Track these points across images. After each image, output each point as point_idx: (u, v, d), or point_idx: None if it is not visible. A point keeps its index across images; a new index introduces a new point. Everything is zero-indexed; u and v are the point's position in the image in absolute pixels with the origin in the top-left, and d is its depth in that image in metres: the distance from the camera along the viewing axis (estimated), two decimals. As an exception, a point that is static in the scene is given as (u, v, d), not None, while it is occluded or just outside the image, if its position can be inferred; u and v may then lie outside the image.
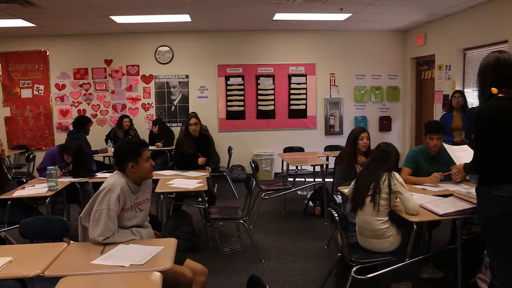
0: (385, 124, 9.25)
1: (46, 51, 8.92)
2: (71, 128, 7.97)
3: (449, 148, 4.01)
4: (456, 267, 3.47)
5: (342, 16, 7.49)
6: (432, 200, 3.54)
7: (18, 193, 4.52)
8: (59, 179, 4.90)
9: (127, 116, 8.28)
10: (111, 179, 3.02)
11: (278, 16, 7.47)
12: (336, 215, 3.25)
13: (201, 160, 5.65)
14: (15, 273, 2.45)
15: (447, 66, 7.46)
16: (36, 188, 4.75)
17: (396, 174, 3.43)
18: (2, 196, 4.44)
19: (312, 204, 6.32)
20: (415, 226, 3.21)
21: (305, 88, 9.10)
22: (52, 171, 4.61)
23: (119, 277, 2.36)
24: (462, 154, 3.66)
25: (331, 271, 3.86)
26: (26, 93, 8.98)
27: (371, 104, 9.25)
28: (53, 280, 2.39)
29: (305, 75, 9.09)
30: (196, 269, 3.01)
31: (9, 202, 4.43)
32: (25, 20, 7.18)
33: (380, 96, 9.22)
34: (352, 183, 3.67)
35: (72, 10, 6.66)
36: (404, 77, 9.19)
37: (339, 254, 3.58)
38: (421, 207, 3.33)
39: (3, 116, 9.00)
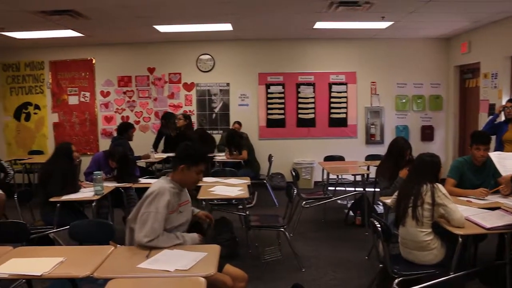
0: (427, 133, 9.08)
1: (92, 60, 9.23)
2: (115, 134, 8.20)
3: (497, 156, 3.91)
4: (505, 284, 3.37)
5: (383, 24, 7.43)
6: (478, 213, 3.46)
7: (67, 196, 4.69)
8: (104, 184, 5.04)
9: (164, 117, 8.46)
10: (158, 184, 3.10)
11: (319, 25, 7.48)
12: (378, 225, 3.23)
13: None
14: (67, 273, 2.56)
15: (493, 74, 7.26)
16: (83, 192, 4.91)
17: (440, 185, 3.37)
18: (52, 199, 4.61)
19: (353, 214, 6.26)
20: (460, 239, 3.14)
21: (346, 97, 9.05)
22: (99, 176, 4.76)
23: (164, 282, 2.42)
24: (510, 163, 3.56)
25: (372, 282, 3.82)
26: (73, 100, 9.32)
27: (412, 113, 9.10)
28: (102, 281, 2.49)
29: (346, 84, 9.04)
30: (236, 274, 3.06)
31: (58, 204, 4.60)
32: (74, 30, 7.47)
33: (422, 105, 9.06)
34: (395, 193, 3.63)
35: (118, 20, 6.89)
36: (447, 85, 9.00)
37: (380, 265, 3.55)
38: (466, 220, 3.27)
39: (52, 122, 9.37)
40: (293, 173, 6.08)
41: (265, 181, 7.58)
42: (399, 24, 7.34)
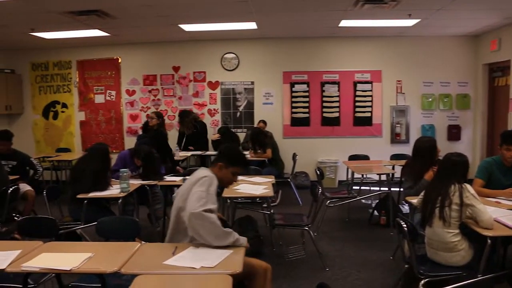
0: (454, 133, 8.92)
1: (118, 59, 9.36)
2: (140, 132, 8.30)
3: None
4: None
5: (410, 22, 7.34)
6: (507, 214, 3.40)
7: (94, 193, 4.77)
8: (130, 181, 5.10)
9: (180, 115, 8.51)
10: (206, 172, 3.19)
11: (344, 23, 7.43)
12: (404, 225, 3.20)
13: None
14: (95, 269, 2.60)
15: (524, 72, 7.10)
16: (110, 189, 4.98)
17: (468, 185, 3.32)
18: (80, 196, 4.70)
19: (377, 214, 6.21)
20: (489, 240, 3.08)
21: (371, 96, 8.97)
22: (125, 174, 4.83)
23: (190, 278, 2.45)
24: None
25: (397, 283, 3.79)
26: (99, 99, 9.47)
27: (439, 112, 8.96)
28: (129, 277, 2.53)
29: (371, 82, 8.96)
30: (261, 264, 3.15)
31: (85, 201, 4.68)
32: (101, 30, 7.60)
33: (449, 104, 8.92)
34: (422, 194, 3.59)
35: (144, 20, 6.97)
36: (475, 84, 8.83)
37: (406, 266, 3.51)
38: (495, 221, 3.21)
39: (79, 120, 9.54)
40: (317, 172, 6.06)
41: (289, 180, 7.57)
42: (426, 21, 7.24)
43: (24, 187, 5.79)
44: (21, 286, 3.00)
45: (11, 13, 6.17)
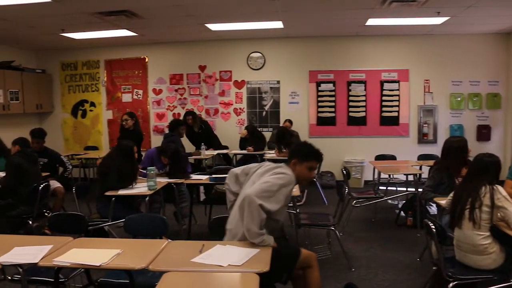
0: (483, 133, 8.74)
1: (145, 58, 9.48)
2: (166, 130, 8.38)
3: None
4: None
5: (438, 20, 7.22)
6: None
7: (123, 191, 4.84)
8: (157, 179, 5.16)
9: (191, 114, 8.29)
10: (287, 170, 3.20)
11: (371, 21, 7.36)
12: (433, 226, 3.15)
13: None
14: (124, 265, 2.65)
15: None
16: (137, 187, 5.05)
17: (500, 187, 3.24)
18: (108, 193, 4.78)
19: (404, 214, 6.13)
20: (521, 243, 3.02)
21: (398, 95, 8.86)
22: (152, 172, 4.89)
23: (217, 276, 2.47)
24: None
25: (425, 285, 3.74)
26: (126, 98, 9.61)
27: (468, 112, 8.79)
28: (156, 274, 2.55)
29: (398, 82, 8.85)
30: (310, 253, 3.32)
31: (113, 198, 4.76)
32: (128, 30, 7.71)
33: (478, 104, 8.74)
34: (450, 195, 3.52)
35: (171, 19, 7.03)
36: (507, 83, 8.62)
37: (434, 268, 3.46)
38: (527, 224, 3.13)
39: (106, 119, 9.70)
40: (344, 171, 6.02)
41: (314, 179, 7.53)
42: (455, 19, 7.11)
43: (54, 184, 5.91)
44: (52, 280, 3.08)
45: (44, 15, 6.33)
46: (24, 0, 5.47)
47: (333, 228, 4.67)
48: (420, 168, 6.70)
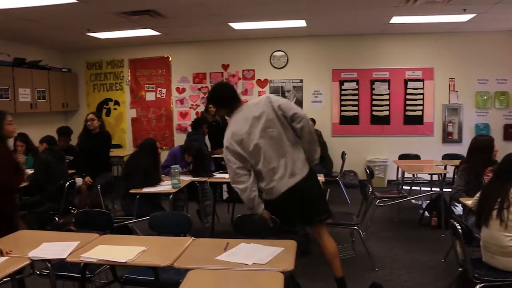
0: (510, 132, 8.56)
1: (169, 57, 9.56)
2: (189, 129, 8.44)
3: None
4: None
5: (465, 17, 7.10)
6: None
7: (147, 189, 4.90)
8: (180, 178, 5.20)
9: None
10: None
11: (396, 19, 7.28)
12: (459, 227, 3.10)
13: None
14: (149, 262, 2.69)
15: None
16: (161, 185, 5.11)
17: (529, 187, 3.18)
18: (133, 191, 4.84)
19: (428, 214, 6.06)
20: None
21: (422, 94, 8.75)
22: (176, 170, 4.93)
23: (242, 274, 2.48)
24: None
25: (450, 287, 3.69)
26: (150, 96, 9.70)
27: (494, 111, 8.62)
28: (180, 271, 2.58)
29: (422, 80, 8.74)
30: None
31: (137, 196, 4.82)
32: (152, 29, 7.79)
33: (505, 102, 8.57)
34: (477, 195, 3.47)
35: (194, 18, 7.08)
36: (536, 81, 8.45)
37: (460, 269, 3.41)
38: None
39: (130, 117, 9.82)
40: (367, 171, 5.98)
41: (337, 179, 7.50)
42: (482, 16, 6.97)
43: (79, 181, 6.02)
44: (78, 275, 3.14)
45: (70, 15, 6.44)
46: (52, 1, 5.57)
47: (356, 228, 4.64)
48: (445, 168, 6.60)
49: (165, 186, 5.03)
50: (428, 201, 6.28)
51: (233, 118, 3.49)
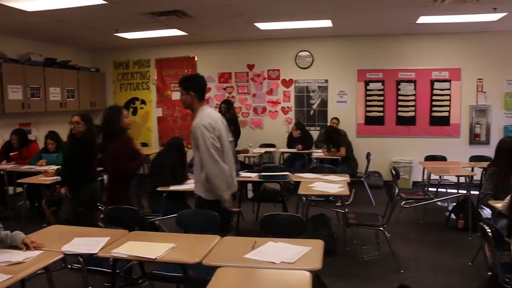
0: (541, 134, 8.39)
1: (194, 57, 9.66)
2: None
3: None
4: None
5: (494, 16, 6.96)
6: None
7: (174, 187, 4.96)
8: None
9: (224, 102, 8.53)
10: None
11: (423, 19, 7.20)
12: (489, 230, 3.07)
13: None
14: (178, 259, 2.73)
15: None
16: (188, 183, 5.16)
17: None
18: (160, 189, 4.92)
19: (455, 217, 5.97)
20: None
21: (449, 94, 8.63)
22: (203, 168, 4.97)
23: (270, 273, 2.49)
24: None
25: (479, 290, 3.65)
26: (176, 96, 9.80)
27: (524, 112, 8.46)
28: (208, 268, 2.62)
29: (449, 81, 8.62)
30: None
31: (164, 194, 4.89)
32: (179, 29, 7.87)
33: (536, 104, 8.40)
34: (507, 197, 3.42)
35: (221, 19, 7.14)
36: None
37: (489, 273, 3.36)
38: None
39: (156, 116, 9.95)
40: (393, 172, 5.94)
41: (362, 179, 7.46)
42: (513, 15, 6.84)
43: (107, 178, 6.11)
44: (107, 270, 3.22)
45: (99, 16, 6.57)
46: (82, 2, 5.70)
47: (382, 229, 4.62)
48: (472, 170, 6.50)
49: (192, 184, 5.07)
50: (455, 204, 6.19)
51: (208, 111, 3.68)
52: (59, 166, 5.74)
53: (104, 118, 4.45)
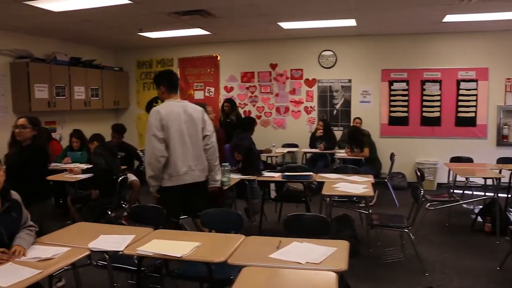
0: None
1: (217, 56, 9.68)
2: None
3: None
4: None
5: (523, 15, 6.82)
6: None
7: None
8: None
9: (227, 101, 8.69)
10: None
11: (449, 18, 7.08)
12: (519, 233, 3.00)
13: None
14: (203, 257, 2.73)
15: None
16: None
17: None
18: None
19: (481, 220, 5.85)
20: None
21: (475, 95, 8.45)
22: (227, 168, 4.98)
23: (296, 273, 2.47)
24: None
25: (507, 294, 3.57)
26: (198, 95, 9.85)
27: (554, 113, 8.25)
28: (232, 268, 2.61)
29: (476, 81, 8.45)
30: None
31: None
32: (202, 29, 7.90)
33: None
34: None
35: (245, 18, 7.13)
36: None
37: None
38: None
39: (179, 116, 9.98)
40: (418, 173, 5.86)
41: (386, 180, 7.38)
42: (543, 13, 6.68)
43: (131, 177, 6.18)
44: (132, 267, 3.24)
45: (124, 15, 6.63)
46: (107, 2, 5.76)
47: (406, 231, 4.55)
48: (500, 172, 6.37)
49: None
50: (481, 206, 6.07)
51: (170, 103, 4.30)
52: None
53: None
